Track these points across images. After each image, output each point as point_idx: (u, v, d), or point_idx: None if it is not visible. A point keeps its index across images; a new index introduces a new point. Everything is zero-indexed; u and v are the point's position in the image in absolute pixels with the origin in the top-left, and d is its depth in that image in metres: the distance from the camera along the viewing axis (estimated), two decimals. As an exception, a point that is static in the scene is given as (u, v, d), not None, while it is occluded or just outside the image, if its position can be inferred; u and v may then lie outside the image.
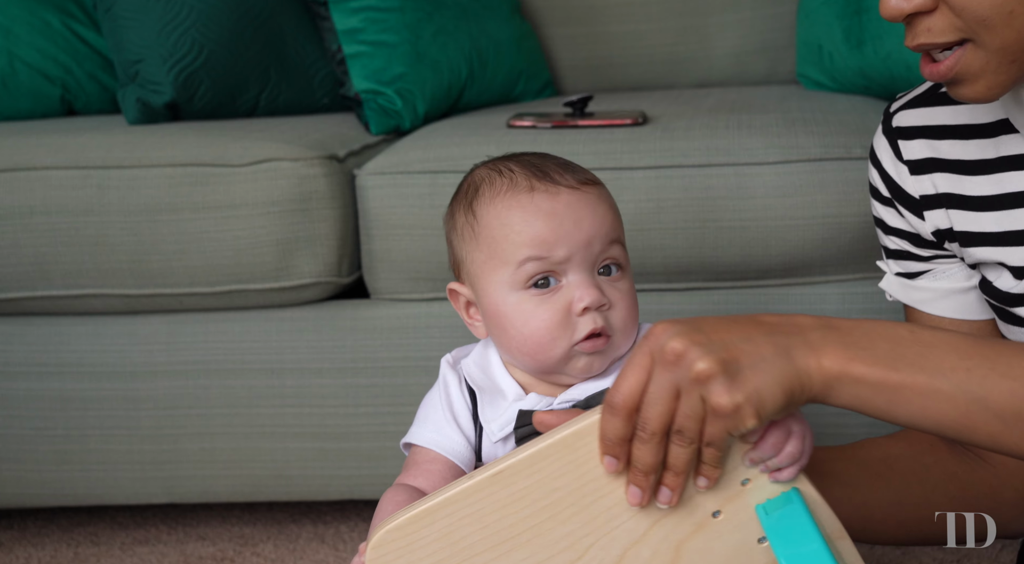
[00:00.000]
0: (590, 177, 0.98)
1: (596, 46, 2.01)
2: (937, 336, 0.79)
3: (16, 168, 1.48)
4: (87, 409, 1.54)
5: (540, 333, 0.94)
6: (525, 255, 0.94)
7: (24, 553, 1.61)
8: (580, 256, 0.94)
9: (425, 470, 0.97)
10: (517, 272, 0.94)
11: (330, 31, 1.73)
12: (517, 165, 0.98)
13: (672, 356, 0.75)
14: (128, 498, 1.57)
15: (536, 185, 0.96)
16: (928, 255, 1.02)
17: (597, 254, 0.95)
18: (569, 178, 0.96)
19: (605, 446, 0.78)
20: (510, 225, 0.95)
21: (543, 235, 0.94)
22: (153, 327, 1.52)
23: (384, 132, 1.68)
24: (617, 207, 1.00)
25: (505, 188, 0.97)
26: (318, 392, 1.50)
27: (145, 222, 1.45)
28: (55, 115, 1.87)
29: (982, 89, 0.83)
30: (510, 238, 0.95)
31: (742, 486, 0.81)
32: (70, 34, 1.88)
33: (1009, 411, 0.76)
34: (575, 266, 0.94)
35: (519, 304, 0.95)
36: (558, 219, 0.94)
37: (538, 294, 0.94)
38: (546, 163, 0.98)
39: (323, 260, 1.46)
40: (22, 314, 1.54)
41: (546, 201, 0.95)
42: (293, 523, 1.64)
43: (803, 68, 1.82)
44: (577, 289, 0.94)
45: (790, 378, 0.76)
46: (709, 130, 1.44)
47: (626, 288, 0.97)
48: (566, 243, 0.93)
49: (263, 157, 1.45)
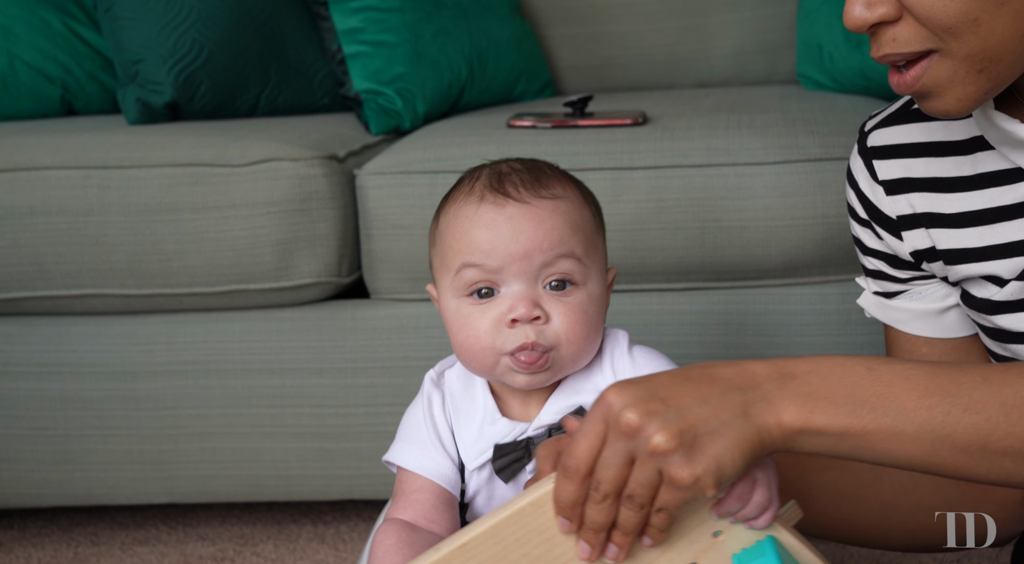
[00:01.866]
0: (556, 193, 0.96)
1: (596, 46, 2.01)
2: (896, 372, 0.78)
3: (16, 168, 1.48)
4: (87, 409, 1.54)
5: (471, 341, 0.94)
6: (460, 262, 0.94)
7: (24, 553, 1.61)
8: (517, 267, 0.93)
9: (414, 501, 0.96)
10: (456, 278, 0.95)
11: (330, 31, 1.73)
12: (487, 175, 0.97)
13: (627, 428, 0.74)
14: (128, 498, 1.57)
15: (487, 196, 0.95)
16: (905, 277, 1.01)
17: (538, 267, 0.93)
18: (525, 192, 0.95)
19: (559, 508, 0.78)
20: (452, 233, 0.95)
21: (478, 243, 0.93)
22: (153, 327, 1.52)
23: (384, 132, 1.68)
24: (589, 222, 0.97)
25: (462, 198, 0.96)
26: (318, 392, 1.50)
27: (145, 222, 1.45)
28: (55, 115, 1.87)
29: (951, 101, 0.82)
30: (451, 245, 0.95)
31: (715, 537, 0.80)
32: (70, 34, 1.88)
33: (974, 445, 0.76)
34: (512, 277, 0.93)
35: (458, 310, 0.95)
36: (496, 230, 0.93)
37: (476, 303, 0.94)
38: (512, 176, 0.96)
39: (323, 260, 1.46)
40: (22, 314, 1.54)
41: (489, 212, 0.94)
42: (293, 523, 1.64)
43: (803, 68, 1.83)
44: (510, 300, 0.93)
45: (750, 439, 0.75)
46: (709, 130, 1.44)
47: (575, 302, 0.94)
48: (500, 253, 0.93)
49: (263, 157, 1.45)
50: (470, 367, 0.97)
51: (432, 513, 0.95)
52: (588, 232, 0.96)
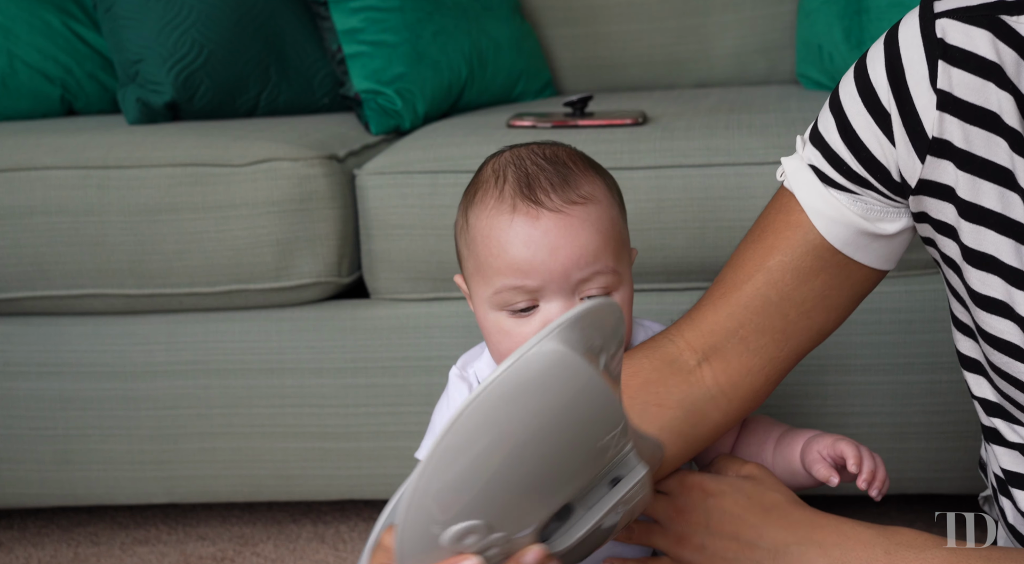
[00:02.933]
0: (585, 194, 0.97)
1: (596, 46, 2.01)
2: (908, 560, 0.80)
3: (16, 168, 1.48)
4: (87, 409, 1.54)
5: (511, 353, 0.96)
6: (501, 283, 0.95)
7: (24, 553, 1.61)
8: (555, 285, 0.95)
9: None
10: (495, 296, 0.96)
11: (330, 31, 1.73)
12: (513, 172, 0.98)
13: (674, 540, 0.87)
14: (128, 498, 1.57)
15: (519, 206, 0.95)
16: (867, 182, 0.89)
17: (575, 283, 0.95)
18: (556, 199, 0.95)
19: None
20: (488, 248, 0.96)
21: (517, 264, 0.94)
22: (153, 327, 1.52)
23: (384, 132, 1.68)
24: (615, 225, 0.98)
25: (493, 202, 0.97)
26: (318, 392, 1.50)
27: (145, 222, 1.45)
28: (55, 115, 1.87)
29: None
30: (489, 261, 0.96)
31: None
32: (70, 34, 1.88)
33: None
34: (550, 293, 0.95)
35: (497, 322, 0.97)
36: (533, 248, 0.94)
37: (513, 316, 0.97)
38: (541, 179, 0.97)
39: (323, 260, 1.46)
40: (22, 314, 1.54)
41: (524, 226, 0.95)
42: (293, 523, 1.64)
43: (803, 68, 1.83)
44: (547, 316, 0.95)
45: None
46: (709, 130, 1.44)
47: None
48: (540, 272, 0.94)
49: (263, 157, 1.45)
50: None
51: None
52: (617, 233, 0.98)
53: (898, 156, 0.87)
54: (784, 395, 1.44)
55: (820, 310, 0.96)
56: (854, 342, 1.42)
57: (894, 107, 0.86)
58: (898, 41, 0.86)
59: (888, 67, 0.86)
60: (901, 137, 0.86)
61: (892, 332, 1.41)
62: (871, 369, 1.42)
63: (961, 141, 0.84)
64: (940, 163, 0.85)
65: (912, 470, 1.44)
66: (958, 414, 1.42)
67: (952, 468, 1.43)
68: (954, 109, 0.84)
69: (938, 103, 0.84)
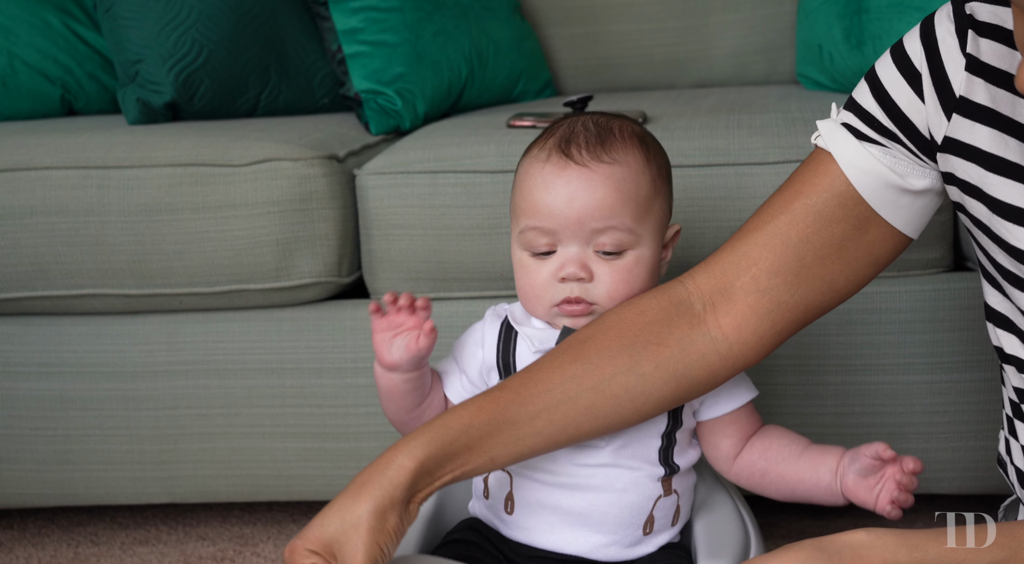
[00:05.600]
0: (616, 158, 1.04)
1: (596, 46, 2.01)
2: None
3: (16, 168, 1.48)
4: (87, 409, 1.54)
5: (528, 289, 1.06)
6: (524, 224, 1.05)
7: (24, 553, 1.61)
8: (571, 231, 1.03)
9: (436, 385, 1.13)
10: (520, 236, 1.06)
11: (330, 31, 1.73)
12: (563, 131, 1.07)
13: None
14: (128, 498, 1.57)
15: (552, 157, 1.05)
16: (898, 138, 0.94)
17: (589, 233, 1.03)
18: (587, 155, 1.04)
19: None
20: (520, 190, 1.06)
21: (537, 207, 1.04)
22: (153, 327, 1.52)
23: (384, 132, 1.68)
24: (646, 187, 1.05)
25: (537, 150, 1.07)
26: (318, 392, 1.50)
27: (145, 222, 1.45)
28: (55, 115, 1.87)
29: None
30: (518, 202, 1.06)
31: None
32: (70, 34, 1.88)
33: None
34: (567, 239, 1.04)
35: (521, 261, 1.07)
36: (553, 193, 1.03)
37: (536, 258, 1.05)
38: (580, 137, 1.05)
39: (323, 260, 1.46)
40: (22, 314, 1.54)
41: (551, 174, 1.04)
42: (293, 523, 1.64)
43: (803, 68, 1.82)
44: (562, 260, 1.04)
45: None
46: (709, 130, 1.44)
47: (622, 265, 1.04)
48: (557, 217, 1.03)
49: (263, 157, 1.45)
50: (527, 307, 1.08)
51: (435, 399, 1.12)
52: (642, 199, 1.04)
53: (927, 113, 0.93)
54: (784, 395, 1.44)
55: (835, 259, 0.98)
56: (854, 342, 1.42)
57: (925, 68, 0.92)
58: (932, 19, 0.93)
59: (923, 38, 0.93)
60: (930, 95, 0.92)
61: (892, 332, 1.41)
62: (871, 369, 1.42)
63: (987, 101, 0.90)
64: (965, 122, 0.91)
65: (912, 470, 1.44)
66: (958, 414, 1.42)
67: (952, 468, 1.43)
68: (981, 72, 0.90)
69: (967, 66, 0.90)
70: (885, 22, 1.62)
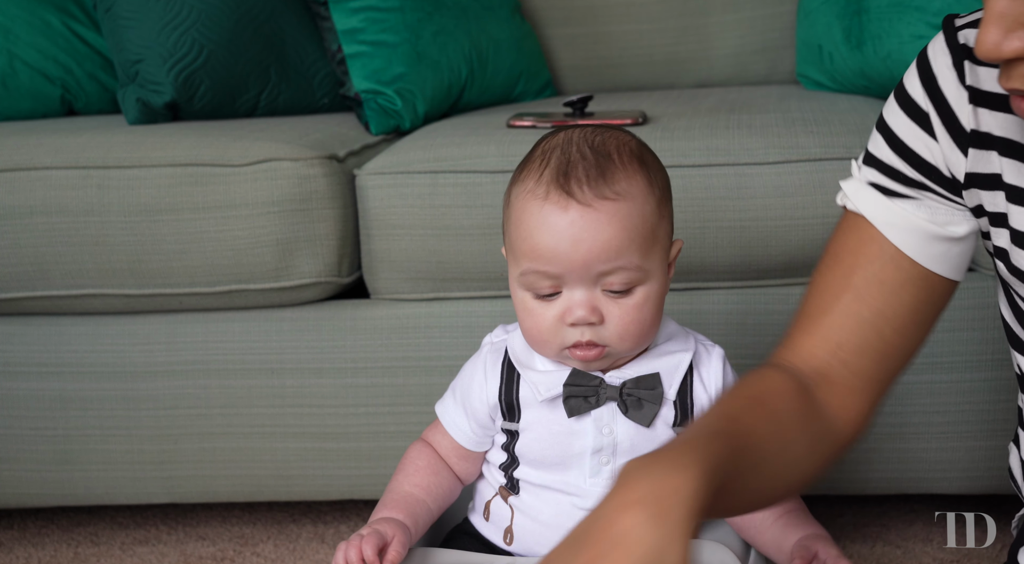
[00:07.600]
0: (619, 191, 0.99)
1: (596, 46, 2.01)
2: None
3: (16, 168, 1.48)
4: (87, 409, 1.54)
5: (535, 332, 1.02)
6: (526, 266, 1.00)
7: (24, 553, 1.61)
8: (577, 275, 0.98)
9: (438, 440, 1.11)
10: (522, 277, 1.01)
11: (330, 31, 1.73)
12: (557, 158, 1.01)
13: None
14: (128, 498, 1.57)
15: (551, 193, 0.98)
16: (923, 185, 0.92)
17: (596, 275, 0.99)
18: (588, 192, 0.98)
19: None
20: (518, 229, 1.00)
21: (540, 250, 0.98)
22: (153, 327, 1.52)
23: (384, 132, 1.68)
24: (646, 223, 1.00)
25: (532, 184, 1.00)
26: (318, 392, 1.50)
27: (145, 222, 1.45)
28: (55, 115, 1.87)
29: None
30: (518, 243, 1.00)
31: None
32: (70, 34, 1.88)
33: None
34: (573, 282, 0.99)
35: (523, 301, 1.02)
36: (557, 236, 0.97)
37: (540, 300, 1.01)
38: (579, 170, 0.99)
39: (323, 260, 1.46)
40: (22, 314, 1.54)
41: (553, 215, 0.98)
42: (293, 523, 1.64)
43: (803, 68, 1.83)
44: (570, 303, 1.00)
45: None
46: (709, 130, 1.44)
47: (632, 303, 1.00)
48: (562, 261, 0.98)
49: (263, 157, 1.45)
50: (534, 348, 1.04)
51: (449, 454, 1.10)
52: (648, 231, 1.00)
53: (944, 152, 0.91)
54: (784, 395, 1.44)
55: (912, 326, 0.95)
56: (854, 342, 1.42)
57: (931, 107, 0.90)
58: (927, 56, 0.91)
59: (922, 77, 0.91)
60: (942, 133, 0.90)
61: (892, 332, 1.41)
62: (871, 369, 1.42)
63: (998, 129, 0.88)
64: (982, 154, 0.89)
65: (912, 470, 1.44)
66: (958, 414, 1.42)
67: (952, 468, 1.43)
68: (985, 102, 0.88)
69: (970, 98, 0.88)
70: (885, 22, 1.62)
